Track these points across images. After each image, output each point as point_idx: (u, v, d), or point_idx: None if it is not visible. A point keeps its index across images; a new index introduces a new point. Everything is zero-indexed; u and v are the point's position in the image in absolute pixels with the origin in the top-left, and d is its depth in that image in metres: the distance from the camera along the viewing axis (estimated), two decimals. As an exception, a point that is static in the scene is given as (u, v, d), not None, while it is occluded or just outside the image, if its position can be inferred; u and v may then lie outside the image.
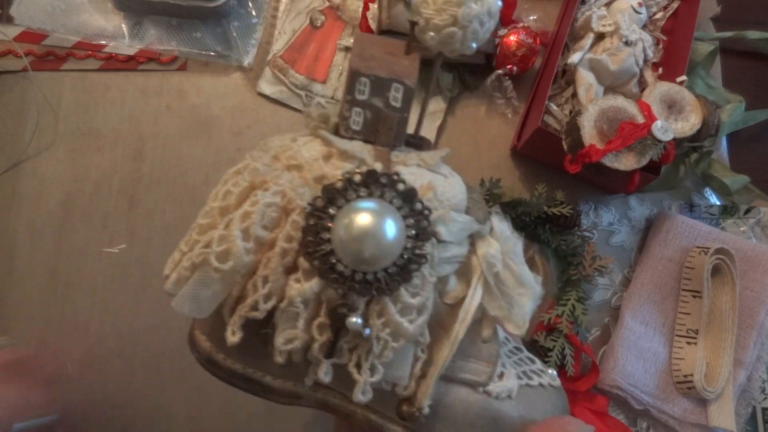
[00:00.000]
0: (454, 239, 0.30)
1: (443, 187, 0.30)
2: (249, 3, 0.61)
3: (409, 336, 0.28)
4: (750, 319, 0.53)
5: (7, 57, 0.57)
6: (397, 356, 0.28)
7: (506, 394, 0.32)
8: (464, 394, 0.31)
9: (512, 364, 0.34)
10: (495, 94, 0.61)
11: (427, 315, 0.28)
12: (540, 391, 0.34)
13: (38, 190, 0.54)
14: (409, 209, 0.27)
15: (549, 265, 0.57)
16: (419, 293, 0.28)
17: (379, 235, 0.26)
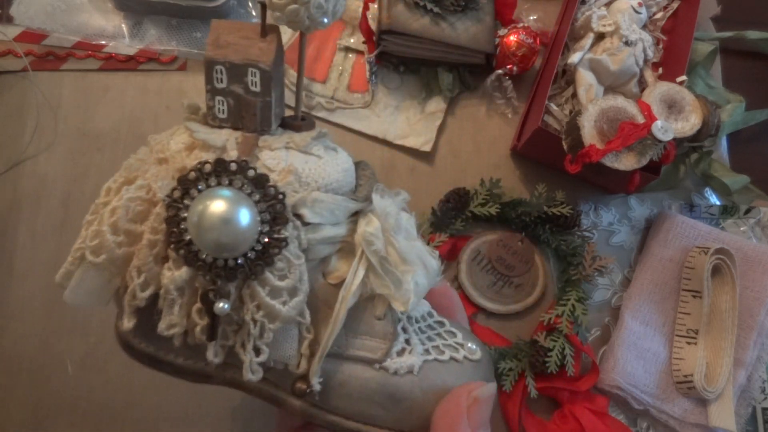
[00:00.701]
0: (325, 220, 0.30)
1: (312, 169, 0.30)
2: (249, 3, 0.61)
3: (284, 318, 0.28)
4: (750, 319, 0.53)
5: (7, 57, 0.57)
6: (280, 337, 0.29)
7: (406, 371, 0.32)
8: (360, 371, 0.32)
9: (422, 340, 0.34)
10: (495, 94, 0.61)
11: (302, 296, 0.29)
12: (452, 365, 0.33)
13: (38, 190, 0.54)
14: (261, 195, 0.28)
15: (549, 265, 0.57)
16: (287, 276, 0.28)
17: (231, 223, 0.26)
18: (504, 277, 0.55)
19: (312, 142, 0.31)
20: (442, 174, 0.59)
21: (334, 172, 0.31)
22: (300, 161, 0.30)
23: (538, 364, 0.50)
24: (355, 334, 0.32)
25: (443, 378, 0.32)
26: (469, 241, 0.56)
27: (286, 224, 0.28)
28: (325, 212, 0.30)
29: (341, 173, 0.31)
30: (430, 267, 0.32)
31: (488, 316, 0.55)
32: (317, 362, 0.30)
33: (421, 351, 0.33)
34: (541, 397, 0.51)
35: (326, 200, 0.30)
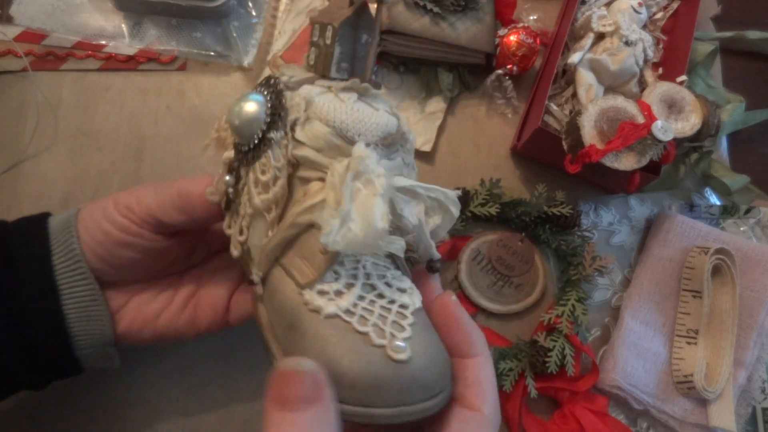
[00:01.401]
0: (312, 144, 0.34)
1: (323, 104, 0.35)
2: (249, 3, 0.61)
3: (254, 205, 0.34)
4: (750, 319, 0.53)
5: (7, 57, 0.57)
6: (254, 225, 0.35)
7: (313, 308, 0.32)
8: (290, 288, 0.33)
9: (359, 303, 0.32)
10: (495, 94, 0.61)
11: (271, 195, 0.34)
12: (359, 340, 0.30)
13: (38, 190, 0.54)
14: (272, 104, 0.35)
15: (549, 265, 0.57)
16: (266, 172, 0.34)
17: (242, 112, 0.34)
18: (504, 277, 0.55)
19: (345, 90, 0.36)
20: (442, 174, 0.59)
21: (344, 115, 0.35)
22: (324, 98, 0.35)
23: (538, 364, 0.50)
24: (299, 254, 0.34)
25: (341, 341, 0.30)
26: (469, 241, 0.56)
27: (277, 131, 0.34)
28: (312, 137, 0.34)
29: (351, 120, 0.35)
30: (372, 225, 0.31)
31: (488, 316, 0.55)
32: (258, 256, 0.35)
33: (344, 308, 0.32)
34: (541, 397, 0.51)
35: (316, 127, 0.34)
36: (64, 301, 0.38)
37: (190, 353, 0.51)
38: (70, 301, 0.38)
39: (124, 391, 0.50)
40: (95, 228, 0.38)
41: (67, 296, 0.38)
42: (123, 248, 0.39)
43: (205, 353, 0.51)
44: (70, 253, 0.38)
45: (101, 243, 0.38)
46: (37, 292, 0.37)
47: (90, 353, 0.40)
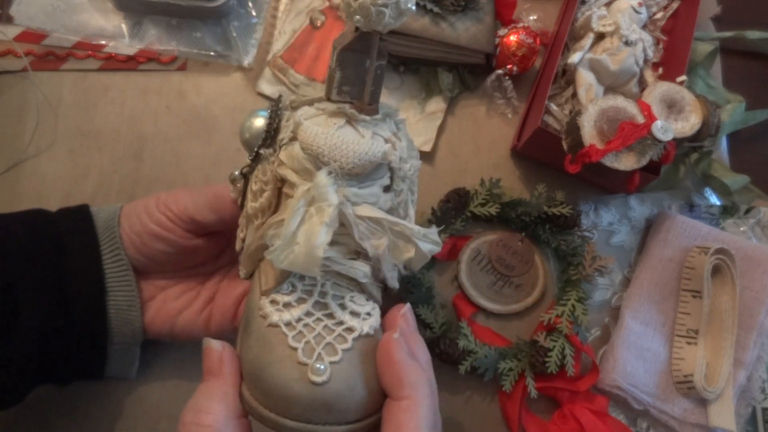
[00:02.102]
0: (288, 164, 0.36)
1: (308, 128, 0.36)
2: (249, 3, 0.61)
3: (246, 210, 0.39)
4: (750, 319, 0.53)
5: (7, 57, 0.57)
6: (249, 228, 0.39)
7: (262, 314, 0.34)
8: (256, 290, 0.37)
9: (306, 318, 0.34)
10: (495, 94, 0.61)
11: (257, 205, 0.38)
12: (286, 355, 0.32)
13: (38, 190, 0.54)
14: (270, 121, 0.38)
15: (549, 265, 0.57)
16: (257, 183, 0.38)
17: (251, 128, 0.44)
18: (504, 277, 0.55)
19: (334, 114, 0.37)
20: (442, 174, 0.59)
21: (321, 140, 0.36)
22: (313, 123, 0.37)
23: (538, 364, 0.50)
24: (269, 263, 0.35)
25: (271, 349, 0.33)
26: (469, 241, 0.56)
27: (268, 148, 0.38)
28: (289, 158, 0.36)
29: (328, 146, 0.36)
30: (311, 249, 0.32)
31: (488, 316, 0.55)
32: (243, 256, 0.39)
33: (286, 321, 0.33)
34: (541, 397, 0.51)
35: (294, 150, 0.36)
36: (109, 296, 0.43)
37: (190, 353, 0.51)
38: (114, 293, 0.43)
39: (124, 391, 0.50)
40: (135, 220, 0.44)
41: (112, 288, 0.43)
42: (157, 241, 0.43)
43: (205, 353, 0.51)
44: (114, 245, 0.43)
45: (138, 234, 0.43)
46: (87, 284, 0.42)
47: (119, 349, 0.45)
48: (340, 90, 0.38)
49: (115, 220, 0.44)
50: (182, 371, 0.51)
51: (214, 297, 0.47)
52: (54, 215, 0.44)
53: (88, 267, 0.42)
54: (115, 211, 0.44)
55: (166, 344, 0.50)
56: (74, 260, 0.42)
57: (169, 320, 0.46)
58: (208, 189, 0.44)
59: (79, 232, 0.43)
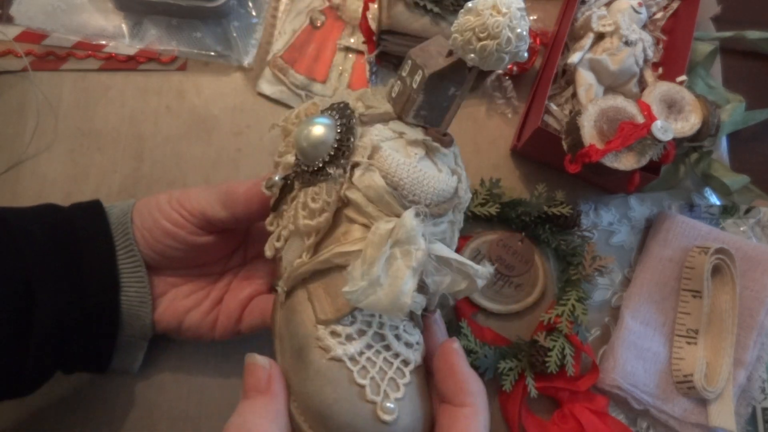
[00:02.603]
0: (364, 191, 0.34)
1: (388, 156, 0.35)
2: (249, 3, 0.61)
3: (298, 227, 0.35)
4: (750, 319, 0.53)
5: (7, 57, 0.57)
6: (291, 242, 0.36)
7: (323, 346, 0.33)
8: (307, 315, 0.35)
9: (373, 353, 0.33)
10: (495, 94, 0.61)
11: (314, 224, 0.35)
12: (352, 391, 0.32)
13: (38, 190, 0.54)
14: (340, 138, 0.35)
15: (549, 265, 0.57)
16: (316, 201, 0.35)
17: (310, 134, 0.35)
18: (504, 277, 0.55)
19: (417, 143, 0.36)
20: (442, 174, 0.59)
21: (405, 173, 0.35)
22: (392, 148, 0.35)
23: (538, 364, 0.50)
24: (325, 288, 0.35)
25: (337, 386, 0.32)
26: (469, 241, 0.56)
27: (337, 168, 0.34)
28: (366, 186, 0.34)
29: (410, 180, 0.35)
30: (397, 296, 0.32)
31: (488, 316, 0.55)
32: (288, 273, 0.36)
33: (351, 354, 0.33)
34: (541, 397, 0.51)
35: (374, 179, 0.34)
36: (122, 291, 0.43)
37: (190, 353, 0.51)
38: (126, 289, 0.43)
39: (124, 391, 0.50)
40: (147, 216, 0.44)
41: (124, 284, 0.43)
42: (168, 238, 0.43)
43: (205, 353, 0.51)
44: (127, 241, 0.43)
45: (150, 230, 0.43)
46: (102, 279, 0.43)
47: (127, 342, 0.45)
48: (418, 113, 0.37)
49: (128, 216, 0.44)
50: (182, 371, 0.51)
51: (221, 300, 0.48)
52: (68, 211, 0.45)
53: (102, 262, 0.43)
54: (128, 207, 0.45)
55: (167, 344, 0.50)
56: (89, 256, 0.42)
57: (177, 317, 0.46)
58: (220, 185, 0.44)
59: (94, 228, 0.43)
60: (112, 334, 0.44)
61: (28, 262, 0.40)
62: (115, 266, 0.43)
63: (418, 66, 0.35)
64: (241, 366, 0.51)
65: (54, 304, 0.40)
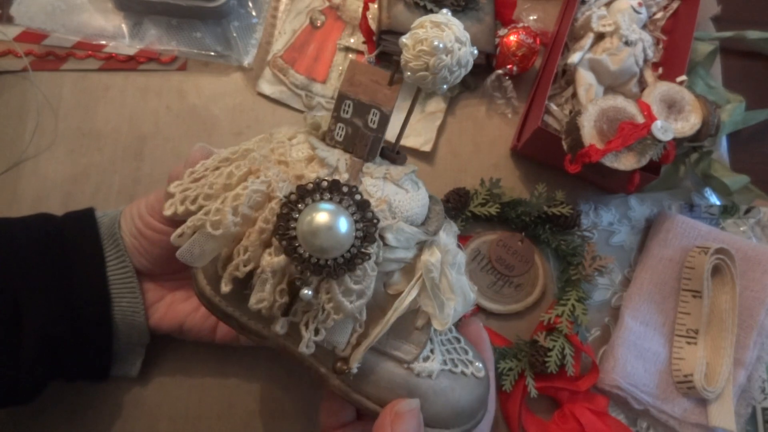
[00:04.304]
0: (401, 245, 0.36)
1: (400, 201, 0.36)
2: (249, 3, 0.61)
3: (347, 312, 0.34)
4: (750, 319, 0.53)
5: (7, 57, 0.57)
6: (338, 326, 0.35)
7: (426, 374, 0.39)
8: (392, 367, 0.38)
9: (443, 351, 0.40)
10: (495, 94, 0.61)
11: (365, 299, 0.35)
12: (461, 378, 0.40)
13: (38, 190, 0.54)
14: (361, 216, 0.33)
15: (549, 265, 0.57)
16: (360, 282, 0.34)
17: (333, 231, 0.32)
18: (504, 277, 0.55)
19: (404, 177, 0.37)
20: (442, 174, 0.59)
21: (416, 206, 0.37)
22: (392, 192, 0.36)
23: (538, 364, 0.50)
24: (396, 337, 0.38)
25: (452, 386, 0.39)
26: (469, 241, 0.56)
27: (374, 243, 0.34)
28: (402, 239, 0.36)
29: (420, 208, 0.37)
30: (468, 299, 0.39)
31: (488, 316, 0.55)
32: (362, 351, 0.36)
33: (441, 361, 0.39)
34: (541, 397, 0.51)
35: (407, 230, 0.36)
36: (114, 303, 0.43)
37: (191, 353, 0.51)
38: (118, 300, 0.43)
39: (124, 392, 0.50)
40: (131, 224, 0.44)
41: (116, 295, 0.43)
42: (153, 245, 0.43)
43: (205, 353, 0.51)
44: (118, 251, 0.43)
45: (136, 237, 0.44)
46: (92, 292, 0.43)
47: (125, 349, 0.46)
48: (383, 150, 0.38)
49: (116, 225, 0.44)
50: (182, 372, 0.51)
51: None
52: (59, 221, 0.44)
53: (92, 275, 0.43)
54: (117, 216, 0.45)
55: (167, 344, 0.50)
56: (79, 268, 0.42)
57: (177, 321, 0.46)
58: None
59: (84, 240, 0.43)
60: (107, 346, 0.44)
61: (14, 274, 0.40)
62: (104, 278, 0.43)
63: (368, 106, 0.35)
64: (241, 366, 0.51)
65: (42, 316, 0.40)
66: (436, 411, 0.39)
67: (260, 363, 0.51)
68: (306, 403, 0.51)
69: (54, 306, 0.41)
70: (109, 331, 0.43)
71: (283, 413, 0.51)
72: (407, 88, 0.60)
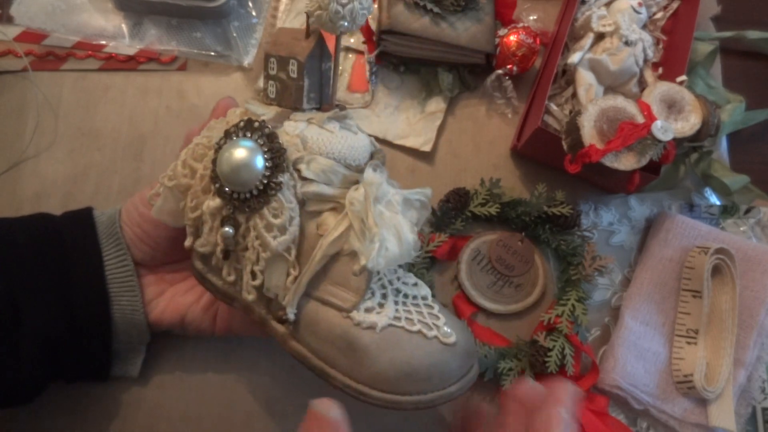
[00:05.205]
0: (318, 179, 0.36)
1: (318, 139, 0.37)
2: (249, 3, 0.61)
3: (272, 249, 0.35)
4: (750, 319, 0.53)
5: (7, 57, 0.57)
6: (271, 268, 0.36)
7: (367, 326, 0.36)
8: (331, 315, 0.37)
9: (399, 309, 0.37)
10: (495, 94, 0.61)
11: (289, 236, 0.35)
12: (417, 338, 0.36)
13: (38, 190, 0.54)
14: (269, 147, 0.35)
15: (549, 265, 0.57)
16: (279, 216, 0.35)
17: (241, 161, 0.34)
18: (504, 277, 0.55)
19: (329, 120, 0.38)
20: (442, 174, 0.59)
21: (339, 145, 0.37)
22: (313, 132, 0.37)
23: (538, 364, 0.50)
24: (332, 282, 0.37)
25: (402, 345, 0.36)
26: (469, 241, 0.56)
27: (283, 173, 0.35)
28: (319, 172, 0.36)
29: (346, 148, 0.37)
30: (404, 239, 0.36)
31: (488, 316, 0.55)
32: (291, 295, 0.36)
33: (391, 316, 0.37)
34: (541, 397, 0.51)
35: (321, 162, 0.36)
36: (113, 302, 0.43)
37: (191, 353, 0.51)
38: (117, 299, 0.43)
39: (124, 392, 0.50)
40: (133, 211, 0.44)
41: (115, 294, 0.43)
42: (156, 228, 0.43)
43: (205, 353, 0.51)
44: (118, 249, 0.44)
45: (139, 224, 0.44)
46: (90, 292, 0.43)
47: (125, 348, 0.46)
48: (309, 98, 0.39)
49: (116, 222, 0.44)
50: (182, 372, 0.51)
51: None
52: (58, 221, 0.44)
53: (91, 274, 0.43)
54: (115, 213, 0.45)
55: (167, 344, 0.50)
56: (77, 267, 0.42)
57: (179, 314, 0.46)
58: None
59: (82, 239, 0.43)
60: (106, 346, 0.44)
61: (13, 274, 0.40)
62: (103, 277, 0.43)
63: (287, 58, 0.37)
64: (241, 366, 0.51)
65: (41, 317, 0.40)
66: (380, 369, 0.35)
67: (261, 363, 0.51)
68: (306, 403, 0.51)
69: (53, 306, 0.41)
70: (108, 330, 0.43)
71: (283, 413, 0.51)
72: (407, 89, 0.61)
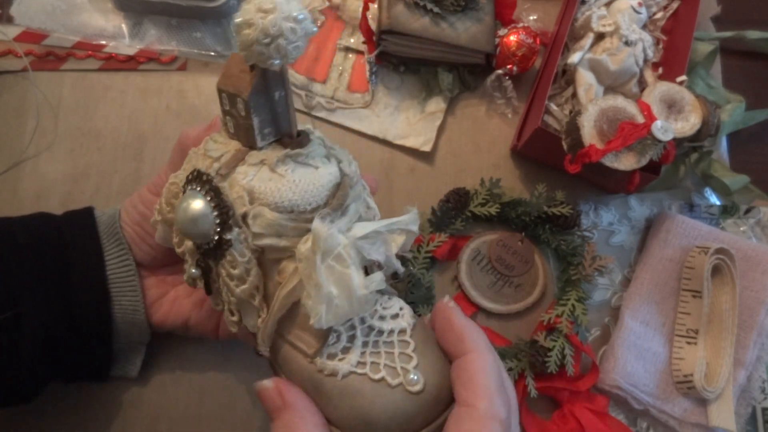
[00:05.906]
0: (266, 232, 0.35)
1: (266, 188, 0.35)
2: (249, 3, 0.61)
3: (237, 295, 0.36)
4: (750, 319, 0.53)
5: (7, 57, 0.57)
6: (243, 309, 0.37)
7: (329, 373, 0.34)
8: (299, 358, 0.36)
9: (365, 352, 0.35)
10: (495, 94, 0.61)
11: (248, 285, 0.35)
12: (380, 386, 0.34)
13: (38, 190, 0.54)
14: (216, 203, 0.35)
15: (549, 265, 0.57)
16: (236, 268, 0.35)
17: (190, 217, 0.34)
18: (504, 277, 0.55)
19: (280, 163, 0.36)
20: (442, 174, 0.59)
21: (288, 192, 0.35)
22: (263, 179, 0.36)
23: (538, 364, 0.50)
24: (299, 327, 0.36)
25: (364, 393, 0.34)
26: (469, 241, 0.56)
27: (231, 230, 0.35)
28: (266, 226, 0.35)
29: (298, 194, 0.35)
30: (355, 297, 0.34)
31: (488, 316, 0.55)
32: (260, 336, 0.36)
33: (355, 362, 0.35)
34: (541, 397, 0.51)
35: (267, 217, 0.35)
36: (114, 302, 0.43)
37: (191, 353, 0.51)
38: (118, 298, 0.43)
39: (124, 392, 0.50)
40: (133, 210, 0.44)
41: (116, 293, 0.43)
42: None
43: (205, 353, 0.51)
44: (120, 248, 0.44)
45: (139, 223, 0.44)
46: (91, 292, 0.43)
47: (125, 348, 0.46)
48: (264, 135, 0.36)
49: (117, 222, 0.44)
50: (182, 371, 0.51)
51: None
52: (58, 221, 0.44)
53: (91, 274, 0.43)
54: (116, 212, 0.45)
55: (167, 344, 0.50)
56: (78, 267, 0.42)
57: (182, 316, 0.46)
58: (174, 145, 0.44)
59: (83, 239, 0.43)
60: (107, 345, 0.44)
61: (13, 274, 0.40)
62: (104, 277, 0.43)
63: (233, 95, 0.35)
64: (240, 366, 0.51)
65: (41, 316, 0.40)
66: (342, 415, 0.34)
67: (261, 363, 0.51)
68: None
69: (53, 306, 0.41)
70: (108, 330, 0.43)
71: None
72: (407, 89, 0.61)
